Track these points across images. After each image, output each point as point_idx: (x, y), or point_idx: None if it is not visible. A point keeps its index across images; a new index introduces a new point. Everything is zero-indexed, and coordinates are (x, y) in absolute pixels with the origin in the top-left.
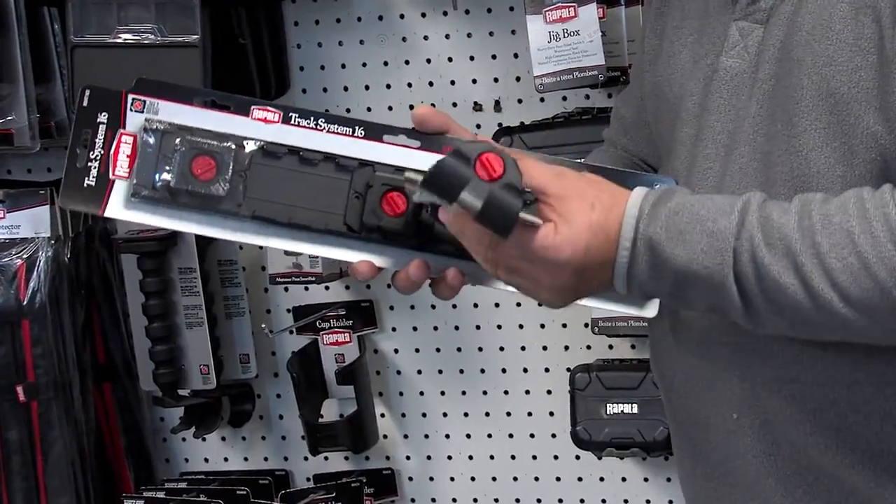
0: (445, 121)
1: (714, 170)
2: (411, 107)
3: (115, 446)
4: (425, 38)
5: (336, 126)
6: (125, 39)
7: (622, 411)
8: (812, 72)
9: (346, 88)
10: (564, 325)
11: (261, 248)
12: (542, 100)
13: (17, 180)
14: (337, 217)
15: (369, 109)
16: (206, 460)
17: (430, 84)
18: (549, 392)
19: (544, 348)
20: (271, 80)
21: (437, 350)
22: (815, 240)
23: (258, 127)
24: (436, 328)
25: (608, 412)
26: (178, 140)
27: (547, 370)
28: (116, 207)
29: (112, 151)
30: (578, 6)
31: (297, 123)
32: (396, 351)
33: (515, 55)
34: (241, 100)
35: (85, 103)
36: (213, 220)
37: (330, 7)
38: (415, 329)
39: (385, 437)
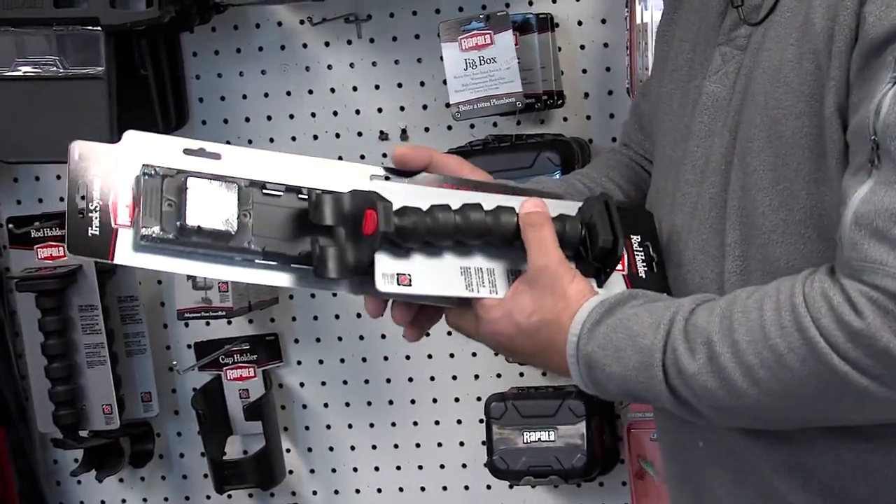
0: (427, 154)
1: (691, 195)
2: (315, 137)
3: (8, 491)
4: (329, 67)
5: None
6: (25, 72)
7: (539, 439)
8: (764, 112)
9: (247, 119)
10: (474, 354)
11: (159, 282)
12: (449, 128)
13: None
14: None
15: (272, 140)
16: (103, 503)
17: (335, 113)
18: (459, 422)
19: (454, 378)
20: (171, 111)
21: (345, 382)
22: (734, 338)
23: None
24: (342, 360)
25: (525, 441)
26: (181, 181)
27: (457, 400)
28: (125, 254)
29: (111, 202)
30: (494, 33)
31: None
32: (302, 384)
33: (422, 83)
34: (230, 150)
35: (76, 157)
36: (222, 261)
37: (230, 37)
38: (321, 362)
39: (291, 472)
